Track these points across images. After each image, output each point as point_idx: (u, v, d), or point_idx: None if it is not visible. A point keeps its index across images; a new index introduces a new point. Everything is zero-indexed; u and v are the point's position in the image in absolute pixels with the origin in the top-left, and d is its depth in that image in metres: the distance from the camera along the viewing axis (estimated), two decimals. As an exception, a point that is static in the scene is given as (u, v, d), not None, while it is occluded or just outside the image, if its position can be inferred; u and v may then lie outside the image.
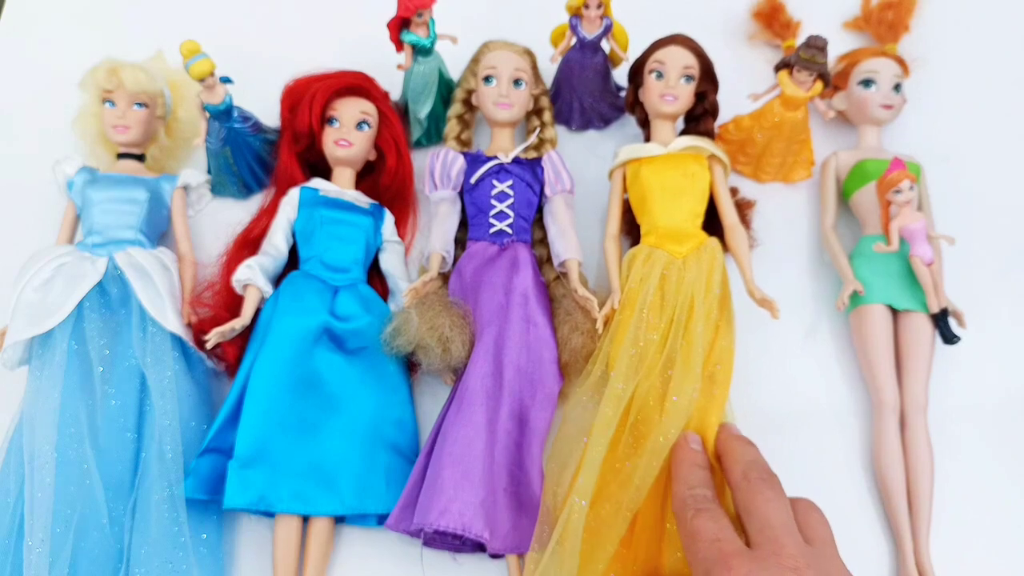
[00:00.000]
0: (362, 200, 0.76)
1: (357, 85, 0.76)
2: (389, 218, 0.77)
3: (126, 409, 0.65)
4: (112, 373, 0.67)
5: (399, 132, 0.79)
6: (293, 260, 0.75)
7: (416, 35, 0.75)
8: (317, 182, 0.76)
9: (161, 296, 0.69)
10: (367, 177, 0.80)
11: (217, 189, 0.81)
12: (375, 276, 0.77)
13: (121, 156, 0.78)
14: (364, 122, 0.76)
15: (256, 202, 0.82)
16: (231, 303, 0.71)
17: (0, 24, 0.95)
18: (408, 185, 0.80)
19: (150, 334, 0.68)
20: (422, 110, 0.80)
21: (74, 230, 0.76)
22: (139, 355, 0.67)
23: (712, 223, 0.75)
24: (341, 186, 0.76)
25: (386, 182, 0.79)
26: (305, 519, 0.65)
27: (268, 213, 0.77)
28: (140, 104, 0.76)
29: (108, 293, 0.70)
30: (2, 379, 0.70)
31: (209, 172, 0.80)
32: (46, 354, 0.67)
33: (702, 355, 0.65)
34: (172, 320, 0.69)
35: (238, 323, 0.68)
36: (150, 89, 0.77)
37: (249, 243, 0.75)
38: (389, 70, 0.79)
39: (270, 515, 0.66)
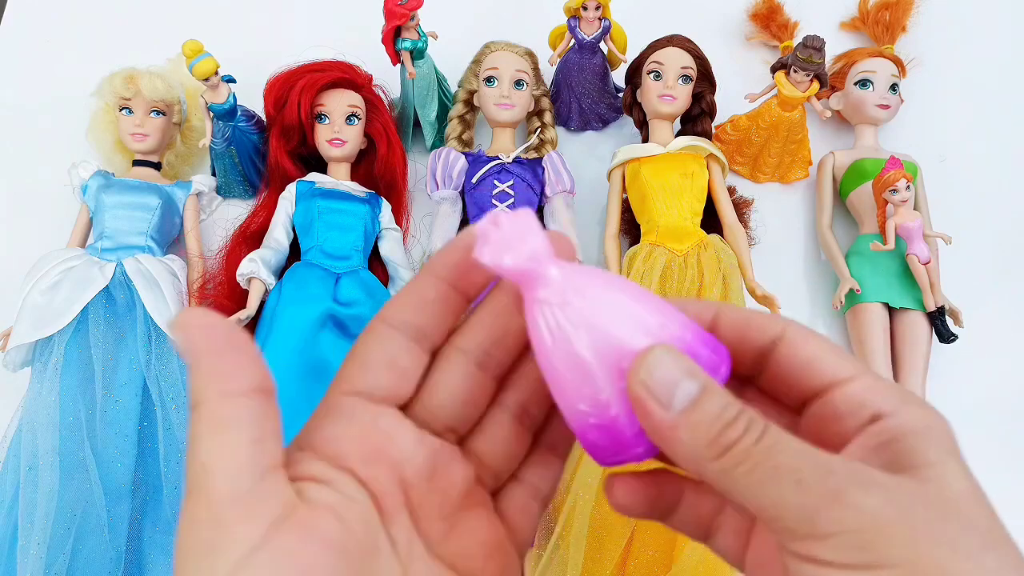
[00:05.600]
0: (358, 189, 0.77)
1: (342, 78, 0.76)
2: (386, 206, 0.78)
3: (127, 414, 0.66)
4: (114, 378, 0.67)
5: (387, 120, 0.79)
6: (296, 255, 0.76)
7: (411, 40, 0.75)
8: (313, 176, 0.77)
9: (168, 306, 0.70)
10: (360, 167, 0.81)
11: (224, 190, 0.82)
12: (376, 263, 0.78)
13: (137, 163, 0.78)
14: (353, 115, 0.76)
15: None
16: (233, 294, 0.72)
17: (11, 27, 0.95)
18: (401, 173, 0.80)
19: (156, 343, 0.69)
20: (431, 112, 0.81)
21: (86, 234, 0.76)
22: (144, 363, 0.68)
23: (710, 223, 0.76)
24: (337, 178, 0.77)
25: (379, 170, 0.79)
26: None
27: (264, 208, 0.77)
28: (157, 112, 0.77)
29: (115, 299, 0.70)
30: (4, 380, 0.71)
31: (214, 174, 0.81)
32: (49, 357, 0.67)
33: None
34: None
35: (244, 314, 0.69)
36: (167, 97, 0.77)
37: (247, 237, 0.76)
38: (383, 64, 0.79)
39: None
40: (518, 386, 0.27)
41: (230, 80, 0.74)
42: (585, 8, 0.77)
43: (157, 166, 0.79)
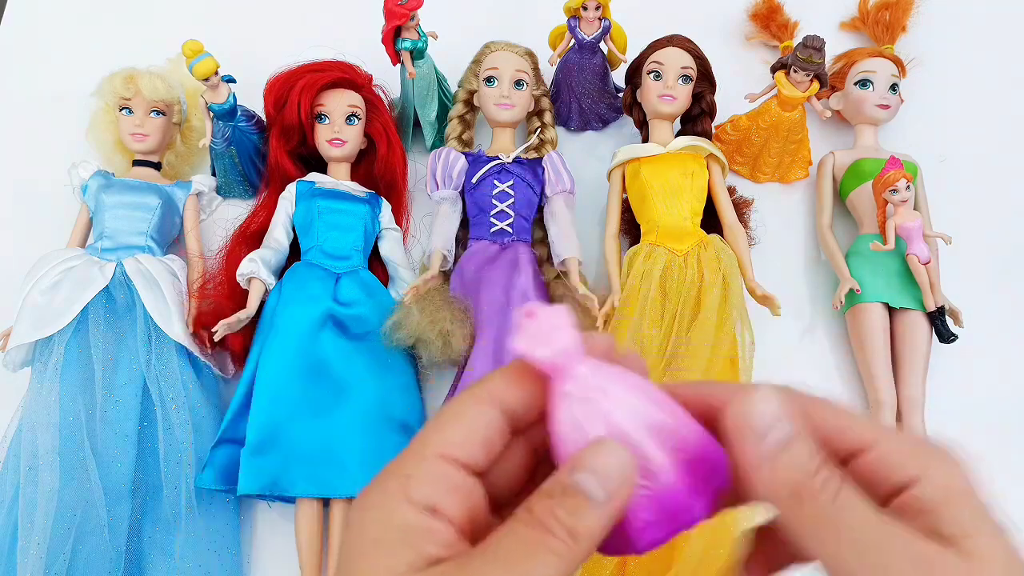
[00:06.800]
0: (358, 189, 0.77)
1: (342, 78, 0.76)
2: (386, 206, 0.78)
3: (127, 414, 0.66)
4: (114, 378, 0.67)
5: (387, 120, 0.79)
6: (296, 255, 0.76)
7: (411, 40, 0.75)
8: (313, 176, 0.77)
9: (168, 306, 0.70)
10: (360, 167, 0.81)
11: (224, 190, 0.82)
12: (376, 263, 0.78)
13: (137, 163, 0.78)
14: (353, 115, 0.76)
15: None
16: (233, 294, 0.72)
17: (12, 27, 0.95)
18: (401, 173, 0.80)
19: (156, 343, 0.69)
20: (431, 112, 0.81)
21: (86, 233, 0.76)
22: (144, 362, 0.68)
23: (710, 223, 0.76)
24: (337, 178, 0.77)
25: (379, 170, 0.79)
26: (326, 503, 0.66)
27: (264, 208, 0.77)
28: (157, 112, 0.77)
29: (115, 299, 0.70)
30: (4, 380, 0.71)
31: (214, 174, 0.81)
32: (49, 357, 0.67)
33: (709, 348, 0.66)
34: (178, 330, 0.69)
35: (244, 314, 0.69)
36: (167, 97, 0.77)
37: (247, 237, 0.76)
38: (383, 64, 0.79)
39: (287, 501, 0.67)
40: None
41: (230, 80, 0.74)
42: (585, 8, 0.77)
43: (157, 166, 0.79)
